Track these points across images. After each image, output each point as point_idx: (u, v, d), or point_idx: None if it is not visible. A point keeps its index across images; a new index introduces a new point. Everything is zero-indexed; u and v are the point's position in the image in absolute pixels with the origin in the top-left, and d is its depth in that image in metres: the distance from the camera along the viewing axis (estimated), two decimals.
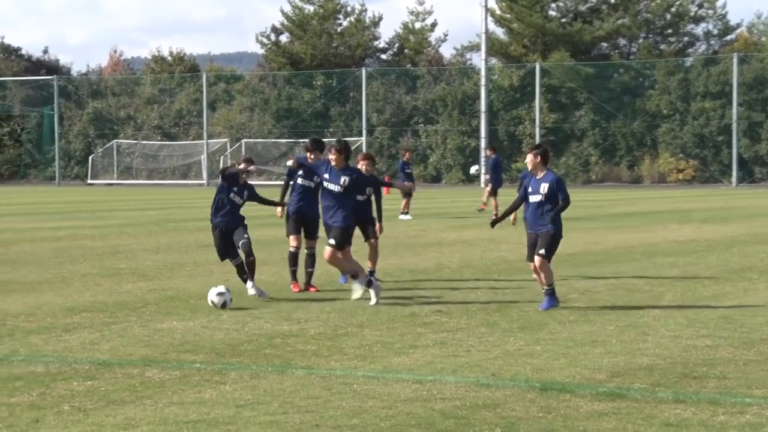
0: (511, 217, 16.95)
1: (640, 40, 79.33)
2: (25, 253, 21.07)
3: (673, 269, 17.94)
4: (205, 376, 9.36)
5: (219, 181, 15.03)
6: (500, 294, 14.84)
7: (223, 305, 13.30)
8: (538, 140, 69.41)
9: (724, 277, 16.69)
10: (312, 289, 15.21)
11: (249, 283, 14.47)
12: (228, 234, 14.61)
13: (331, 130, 76.40)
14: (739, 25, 79.49)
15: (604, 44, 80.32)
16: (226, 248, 14.64)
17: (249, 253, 14.44)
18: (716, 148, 69.63)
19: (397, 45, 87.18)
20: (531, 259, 13.56)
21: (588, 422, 7.82)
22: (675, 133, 70.21)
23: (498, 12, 79.76)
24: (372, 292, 13.86)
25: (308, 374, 9.45)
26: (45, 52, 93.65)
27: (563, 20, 79.79)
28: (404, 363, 9.99)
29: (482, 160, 62.20)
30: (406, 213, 32.28)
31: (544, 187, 13.37)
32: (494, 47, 77.77)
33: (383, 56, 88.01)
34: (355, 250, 16.89)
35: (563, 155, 71.55)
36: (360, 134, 74.22)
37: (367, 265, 16.59)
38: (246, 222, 14.80)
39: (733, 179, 67.69)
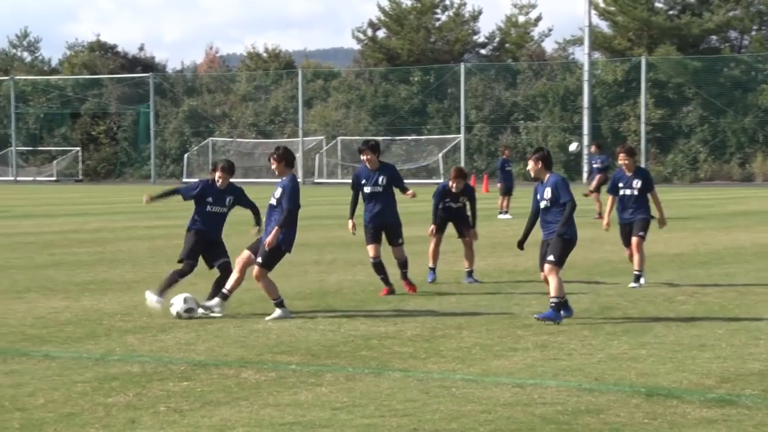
0: (605, 221, 16.35)
1: (753, 33, 77.88)
2: (121, 252, 21.46)
3: None
4: (300, 378, 9.44)
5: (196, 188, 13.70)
6: (603, 296, 14.70)
7: (189, 311, 12.76)
8: (643, 137, 68.60)
9: None
10: (410, 289, 15.19)
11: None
12: (206, 240, 13.56)
13: (428, 127, 76.42)
14: None
15: (714, 37, 79.01)
16: (194, 251, 13.48)
17: (225, 275, 13.26)
18: None
19: (497, 39, 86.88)
20: (542, 267, 12.74)
21: (696, 429, 7.72)
22: None
23: (602, 5, 79.01)
24: (279, 312, 12.79)
25: (405, 377, 9.48)
26: (141, 49, 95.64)
27: (670, 12, 78.72)
28: (504, 366, 9.96)
29: (585, 157, 61.66)
30: (506, 212, 32.16)
31: (548, 192, 12.60)
32: (598, 41, 77.02)
33: (482, 51, 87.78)
34: (452, 250, 16.89)
35: (670, 152, 70.58)
36: (458, 131, 74.09)
37: (463, 265, 16.61)
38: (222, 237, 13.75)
39: None
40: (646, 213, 15.90)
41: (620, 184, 15.93)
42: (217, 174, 13.68)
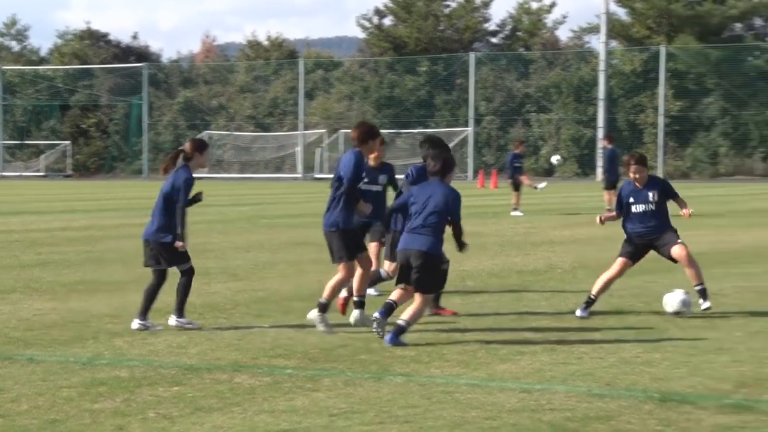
0: (600, 216, 14.09)
1: None
2: (111, 251, 21.50)
3: None
4: (297, 383, 9.47)
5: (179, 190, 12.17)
6: (616, 297, 14.70)
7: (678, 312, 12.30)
8: (661, 130, 68.54)
9: None
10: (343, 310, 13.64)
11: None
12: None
13: (435, 119, 76.45)
14: None
15: (738, 25, 79.01)
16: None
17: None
18: None
19: (509, 27, 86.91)
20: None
21: None
22: None
23: None
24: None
25: (407, 381, 9.50)
26: (134, 37, 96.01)
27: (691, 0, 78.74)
28: (510, 370, 9.99)
29: (599, 151, 61.66)
30: (516, 209, 32.15)
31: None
32: (615, 29, 77.03)
33: (493, 40, 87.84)
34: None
35: (689, 146, 70.63)
36: (466, 124, 74.12)
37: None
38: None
39: None
40: (671, 227, 13.58)
41: (630, 200, 13.46)
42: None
